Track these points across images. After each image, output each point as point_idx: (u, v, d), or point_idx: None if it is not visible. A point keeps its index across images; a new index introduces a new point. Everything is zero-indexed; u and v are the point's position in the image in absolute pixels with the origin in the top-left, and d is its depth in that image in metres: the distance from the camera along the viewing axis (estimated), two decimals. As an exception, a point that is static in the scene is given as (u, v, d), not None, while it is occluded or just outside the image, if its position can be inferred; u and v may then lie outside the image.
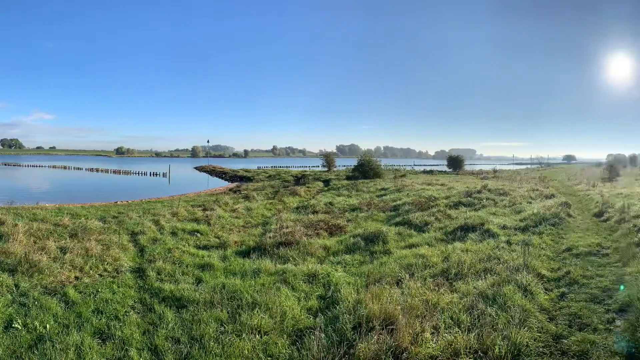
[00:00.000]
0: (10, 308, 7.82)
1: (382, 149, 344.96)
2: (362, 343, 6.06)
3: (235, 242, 14.09)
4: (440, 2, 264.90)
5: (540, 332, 6.87)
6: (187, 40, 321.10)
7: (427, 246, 12.70)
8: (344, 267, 11.21)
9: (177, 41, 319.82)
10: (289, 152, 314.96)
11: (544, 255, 11.44)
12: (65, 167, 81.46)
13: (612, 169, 45.35)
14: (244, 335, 6.72)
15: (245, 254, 12.52)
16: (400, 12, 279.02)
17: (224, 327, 7.06)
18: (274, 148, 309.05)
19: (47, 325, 7.17)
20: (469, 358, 5.95)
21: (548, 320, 7.40)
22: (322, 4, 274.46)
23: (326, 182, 38.76)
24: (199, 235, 15.09)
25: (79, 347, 6.45)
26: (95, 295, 8.72)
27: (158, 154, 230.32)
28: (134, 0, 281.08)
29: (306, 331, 6.87)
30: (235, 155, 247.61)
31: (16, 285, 8.96)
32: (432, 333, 6.60)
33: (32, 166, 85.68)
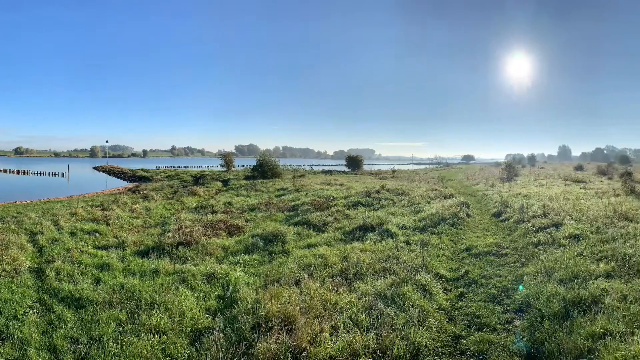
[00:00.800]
0: None
1: (281, 149, 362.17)
2: (261, 343, 6.26)
3: (134, 242, 14.31)
4: (342, 1, 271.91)
5: (439, 332, 7.22)
6: (84, 40, 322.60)
7: (326, 246, 13.03)
8: (243, 267, 11.49)
9: (74, 41, 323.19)
10: (188, 152, 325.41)
11: (442, 255, 12.10)
12: (-38, 167, 78.52)
13: (510, 168, 49.08)
14: (142, 335, 6.86)
15: (144, 254, 12.74)
16: (301, 13, 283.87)
17: (123, 327, 7.24)
18: (173, 148, 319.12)
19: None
20: (368, 358, 6.13)
21: (447, 320, 7.81)
22: (223, 5, 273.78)
23: (225, 182, 39.69)
24: (97, 235, 15.36)
25: (-22, 347, 6.55)
26: (-7, 296, 8.83)
27: (57, 154, 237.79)
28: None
29: (205, 331, 7.06)
30: (134, 155, 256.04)
31: None
32: (331, 333, 6.81)
33: None
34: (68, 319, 7.60)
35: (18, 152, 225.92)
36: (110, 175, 66.07)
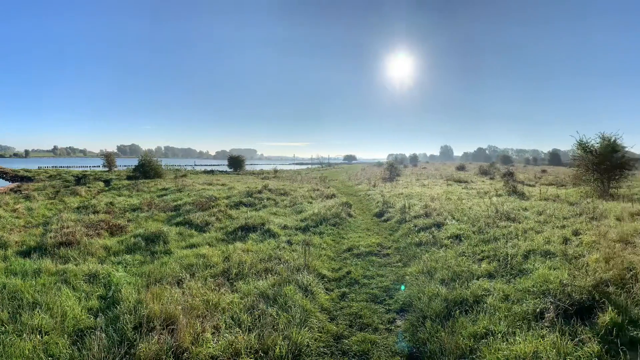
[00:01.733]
0: None
1: (163, 149, 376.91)
2: (142, 343, 6.36)
3: (16, 242, 14.23)
4: (221, 2, 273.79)
5: (321, 332, 7.47)
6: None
7: (208, 246, 13.06)
8: (125, 267, 11.41)
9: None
10: (70, 152, 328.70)
11: (325, 256, 12.47)
12: None
13: (392, 168, 51.16)
14: (24, 335, 6.85)
15: (26, 254, 12.68)
16: (182, 13, 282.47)
17: (5, 327, 7.22)
18: (55, 148, 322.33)
19: None
20: (250, 358, 6.25)
21: (329, 320, 8.07)
22: (103, 3, 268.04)
23: (107, 182, 39.09)
24: (-21, 235, 15.19)
25: None
26: None
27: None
28: None
29: (87, 331, 7.08)
30: (16, 155, 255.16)
31: None
32: (213, 333, 6.89)
33: None
34: (-51, 320, 7.49)
35: None
36: (-9, 175, 62.88)
